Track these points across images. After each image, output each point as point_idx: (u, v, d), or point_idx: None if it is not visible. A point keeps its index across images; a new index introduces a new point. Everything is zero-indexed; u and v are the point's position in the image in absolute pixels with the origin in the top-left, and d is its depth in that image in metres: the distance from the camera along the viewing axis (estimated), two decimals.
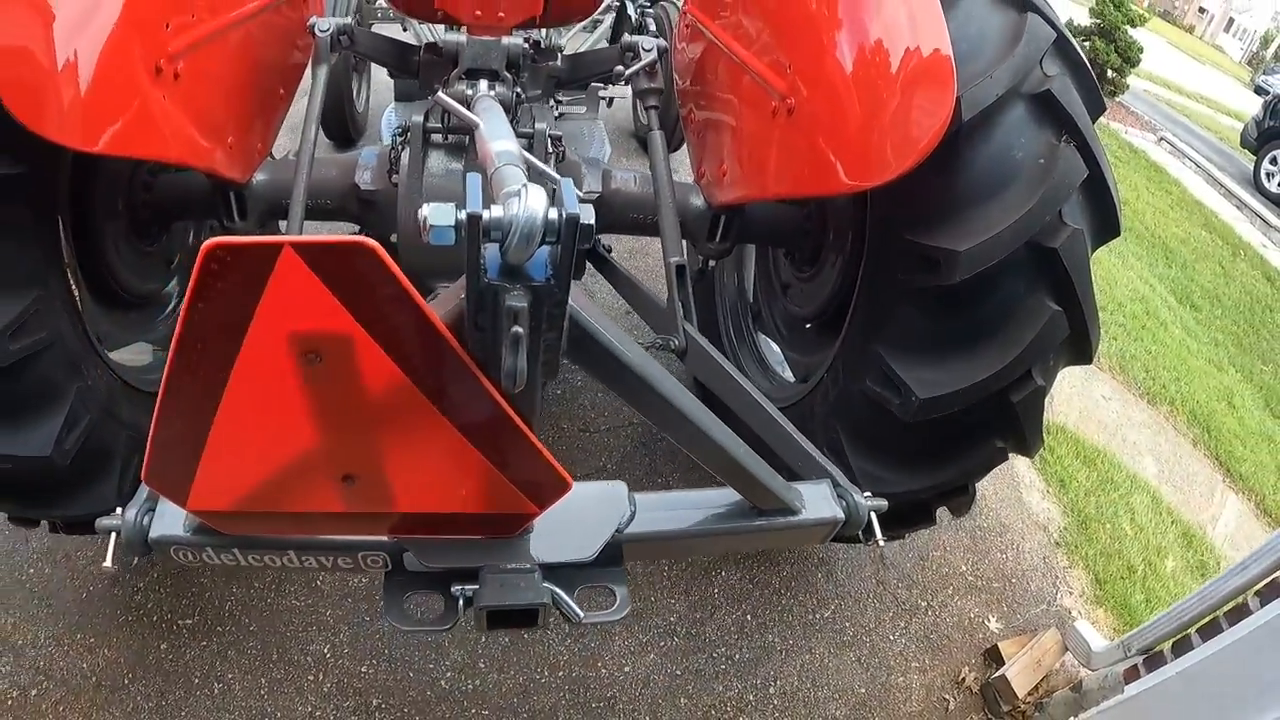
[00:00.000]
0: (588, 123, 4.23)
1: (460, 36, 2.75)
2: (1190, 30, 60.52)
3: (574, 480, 1.48)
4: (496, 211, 1.19)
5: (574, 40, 5.30)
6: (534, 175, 1.37)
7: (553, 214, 1.20)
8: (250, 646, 2.74)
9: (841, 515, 1.93)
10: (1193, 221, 11.31)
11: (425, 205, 1.21)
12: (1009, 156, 2.05)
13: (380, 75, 6.03)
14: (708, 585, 3.20)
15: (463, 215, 1.19)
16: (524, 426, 1.32)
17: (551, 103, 3.34)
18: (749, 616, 3.13)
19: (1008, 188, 2.03)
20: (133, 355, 2.74)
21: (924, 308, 2.16)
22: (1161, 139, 15.46)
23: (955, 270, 2.01)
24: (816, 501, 1.93)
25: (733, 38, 2.65)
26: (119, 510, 1.65)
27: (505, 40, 2.78)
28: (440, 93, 1.94)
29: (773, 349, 3.45)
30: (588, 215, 1.21)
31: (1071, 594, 3.77)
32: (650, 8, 4.58)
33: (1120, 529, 4.31)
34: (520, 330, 1.24)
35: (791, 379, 3.20)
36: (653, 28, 4.05)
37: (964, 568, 3.64)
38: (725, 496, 1.88)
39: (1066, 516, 4.21)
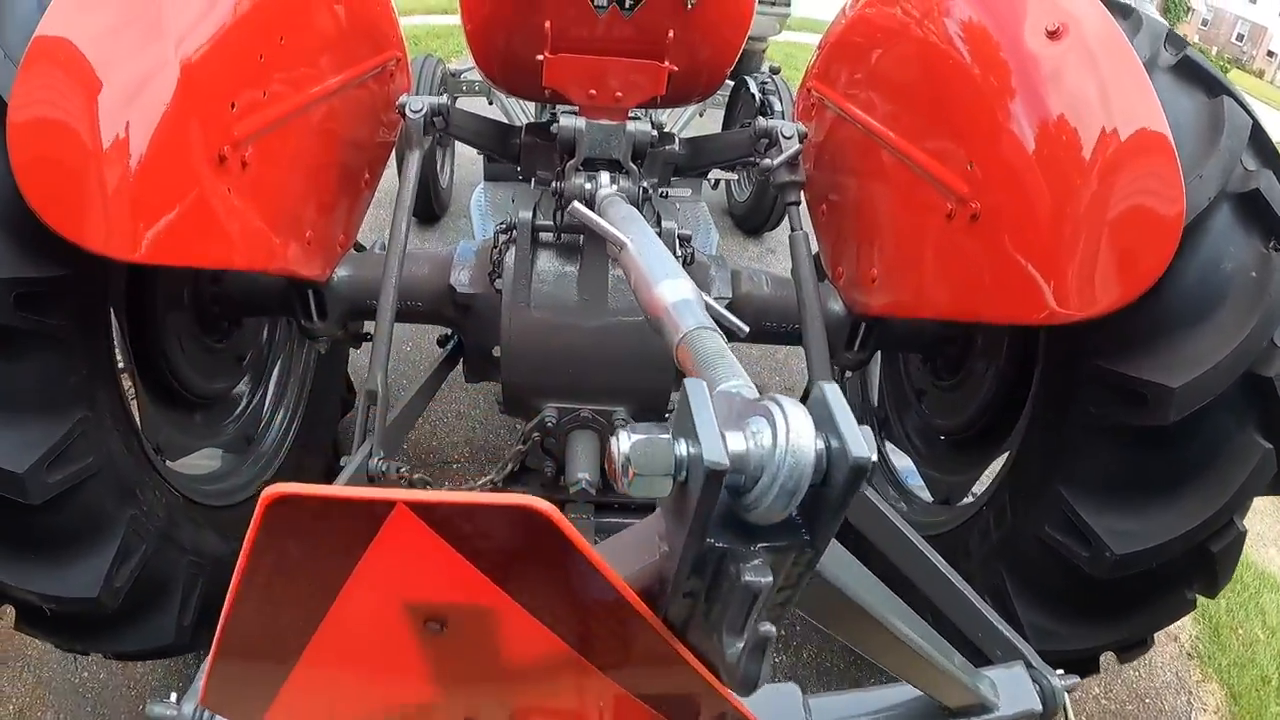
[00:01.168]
0: (691, 206, 3.84)
1: (578, 122, 2.33)
2: (1260, 75, 59.18)
3: None
4: (735, 445, 0.79)
5: (671, 119, 4.71)
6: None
7: (820, 444, 0.80)
8: None
9: (1039, 707, 1.58)
10: None
11: (623, 434, 0.82)
12: (1219, 269, 1.75)
13: (465, 148, 5.76)
14: None
15: (686, 453, 0.78)
16: (722, 689, 0.96)
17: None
18: None
19: (1220, 307, 1.74)
20: (199, 460, 2.50)
21: (1121, 446, 1.83)
22: None
23: (1168, 409, 1.70)
24: (1012, 692, 1.57)
25: (876, 118, 2.30)
26: (174, 698, 1.35)
27: (631, 126, 2.35)
28: (575, 205, 1.62)
29: (903, 461, 3.07)
30: (871, 449, 0.80)
31: (1206, 710, 3.45)
32: (771, 84, 4.16)
33: (1252, 634, 3.95)
34: (770, 631, 0.81)
35: (929, 499, 2.82)
36: (777, 108, 3.67)
37: (1096, 689, 3.31)
38: (906, 693, 1.55)
39: (1197, 624, 3.87)
